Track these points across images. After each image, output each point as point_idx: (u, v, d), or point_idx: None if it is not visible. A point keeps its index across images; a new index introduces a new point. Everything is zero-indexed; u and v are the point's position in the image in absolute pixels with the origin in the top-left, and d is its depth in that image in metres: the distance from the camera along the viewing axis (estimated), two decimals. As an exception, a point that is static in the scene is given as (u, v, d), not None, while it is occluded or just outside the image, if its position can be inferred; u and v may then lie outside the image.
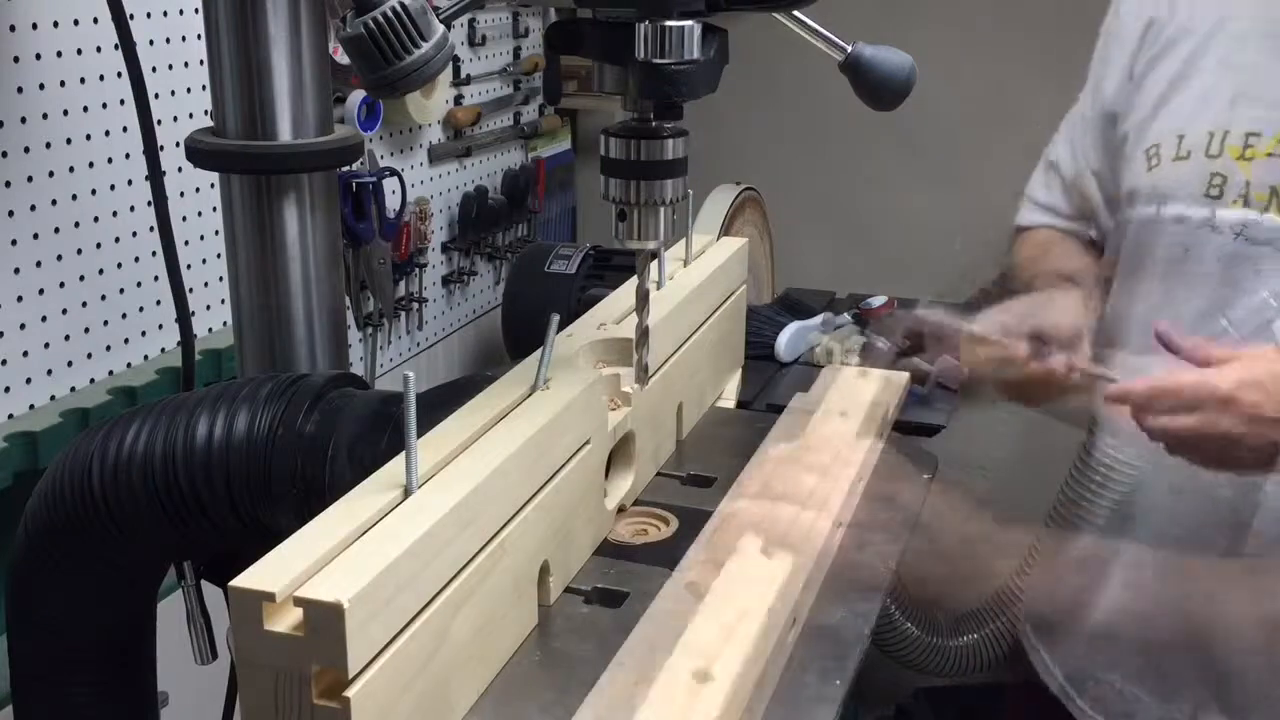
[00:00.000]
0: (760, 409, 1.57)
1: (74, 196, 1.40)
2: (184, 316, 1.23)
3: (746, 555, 0.96)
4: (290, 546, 0.72)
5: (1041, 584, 1.46)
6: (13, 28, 1.30)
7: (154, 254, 1.49)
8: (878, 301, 2.13)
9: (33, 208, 1.35)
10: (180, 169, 1.47)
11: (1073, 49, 2.47)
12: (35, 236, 1.36)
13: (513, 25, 2.38)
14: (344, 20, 0.91)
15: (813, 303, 2.12)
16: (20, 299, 1.35)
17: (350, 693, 0.67)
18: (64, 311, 1.41)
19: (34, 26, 1.33)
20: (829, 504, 1.05)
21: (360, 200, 1.88)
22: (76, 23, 1.37)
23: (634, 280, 1.03)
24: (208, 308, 1.63)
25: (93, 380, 1.45)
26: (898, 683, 2.60)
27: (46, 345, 1.38)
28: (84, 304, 1.43)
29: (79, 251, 1.42)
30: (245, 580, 0.68)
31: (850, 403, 1.25)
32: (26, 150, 1.34)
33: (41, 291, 1.37)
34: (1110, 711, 1.44)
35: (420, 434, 0.81)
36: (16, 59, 1.31)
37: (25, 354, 1.36)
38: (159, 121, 1.30)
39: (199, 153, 1.04)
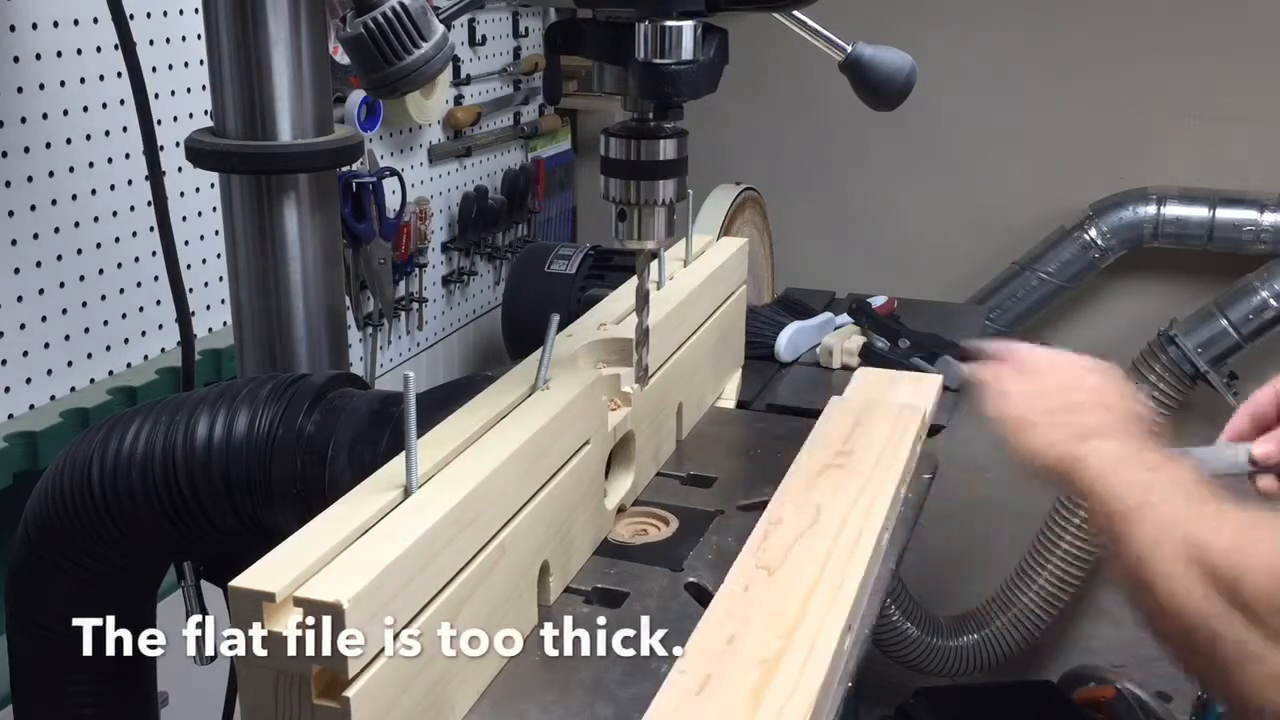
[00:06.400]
0: (760, 409, 1.57)
1: (74, 196, 1.40)
2: (184, 316, 1.23)
3: (799, 563, 0.94)
4: (290, 546, 0.72)
5: None
6: (13, 28, 1.30)
7: (154, 254, 1.49)
8: (878, 301, 2.12)
9: (33, 208, 1.35)
10: (180, 169, 1.47)
11: (1072, 49, 2.48)
12: (35, 236, 1.36)
13: (513, 25, 2.38)
14: (344, 20, 0.92)
15: (813, 303, 2.12)
16: (20, 299, 1.35)
17: (350, 693, 0.68)
18: (64, 311, 1.40)
19: (34, 26, 1.33)
20: (874, 510, 1.02)
21: (360, 200, 1.88)
22: (76, 23, 1.37)
23: (634, 280, 1.03)
24: (208, 308, 1.63)
25: (93, 380, 1.45)
26: (898, 683, 2.60)
27: (46, 345, 1.38)
28: (84, 304, 1.43)
29: (79, 251, 1.42)
30: (245, 580, 0.68)
31: (887, 405, 1.23)
32: (26, 150, 1.34)
33: (41, 291, 1.37)
34: None
35: (420, 434, 0.81)
36: (16, 59, 1.31)
37: (25, 354, 1.36)
38: (159, 121, 1.30)
39: (199, 153, 1.04)
